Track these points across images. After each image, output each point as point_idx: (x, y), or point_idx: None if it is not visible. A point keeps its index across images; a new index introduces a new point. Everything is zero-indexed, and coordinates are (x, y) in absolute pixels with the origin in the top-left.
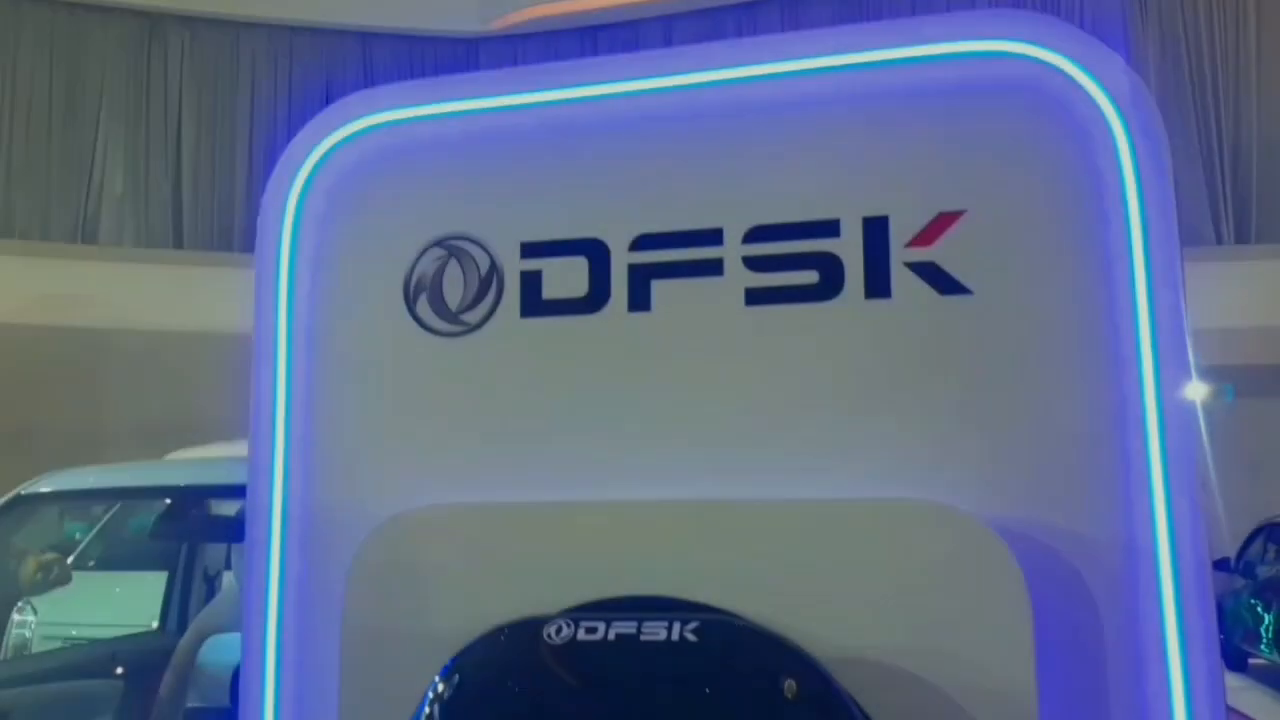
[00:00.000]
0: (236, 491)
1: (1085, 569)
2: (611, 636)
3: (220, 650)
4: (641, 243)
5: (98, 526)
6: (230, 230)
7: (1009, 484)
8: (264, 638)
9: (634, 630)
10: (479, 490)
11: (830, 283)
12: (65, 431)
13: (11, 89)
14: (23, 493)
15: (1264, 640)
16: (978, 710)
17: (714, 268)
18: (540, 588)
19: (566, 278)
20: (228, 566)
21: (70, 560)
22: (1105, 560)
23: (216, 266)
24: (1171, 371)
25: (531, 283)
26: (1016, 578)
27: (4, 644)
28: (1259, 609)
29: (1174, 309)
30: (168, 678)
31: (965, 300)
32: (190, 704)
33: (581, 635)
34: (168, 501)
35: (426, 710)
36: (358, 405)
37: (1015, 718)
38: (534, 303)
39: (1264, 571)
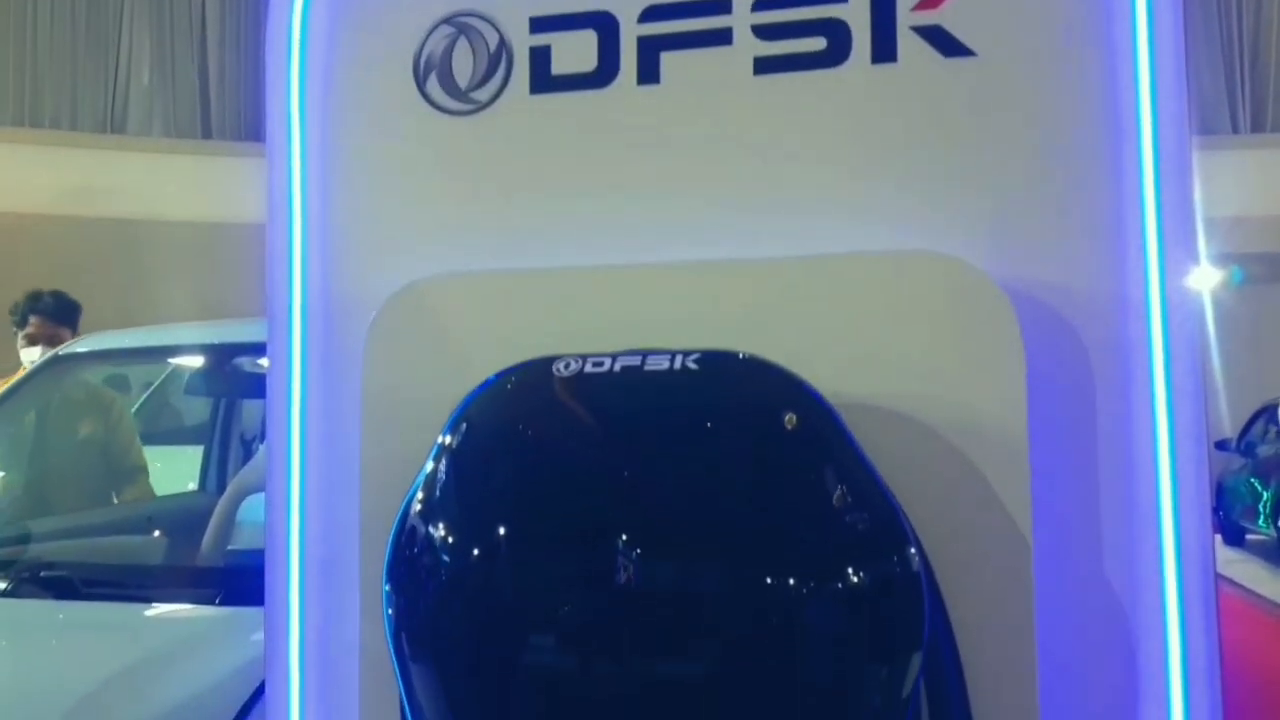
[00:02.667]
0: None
1: (1081, 327)
2: (617, 369)
3: (259, 509)
4: (650, 14)
5: (136, 404)
6: (258, 120)
7: (1010, 242)
8: (288, 409)
9: (639, 363)
10: (494, 261)
11: (837, 49)
12: (94, 322)
13: None
14: (60, 353)
15: (1261, 516)
16: (972, 451)
17: (723, 37)
18: (555, 349)
19: (575, 52)
20: (263, 437)
21: None
22: (1100, 317)
23: (245, 157)
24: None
25: (541, 58)
26: (1012, 324)
27: None
28: (1257, 486)
29: (1177, 67)
30: (208, 534)
31: (970, 62)
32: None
33: (589, 369)
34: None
35: (435, 459)
36: (373, 189)
37: (1007, 457)
38: (543, 79)
39: (1264, 451)
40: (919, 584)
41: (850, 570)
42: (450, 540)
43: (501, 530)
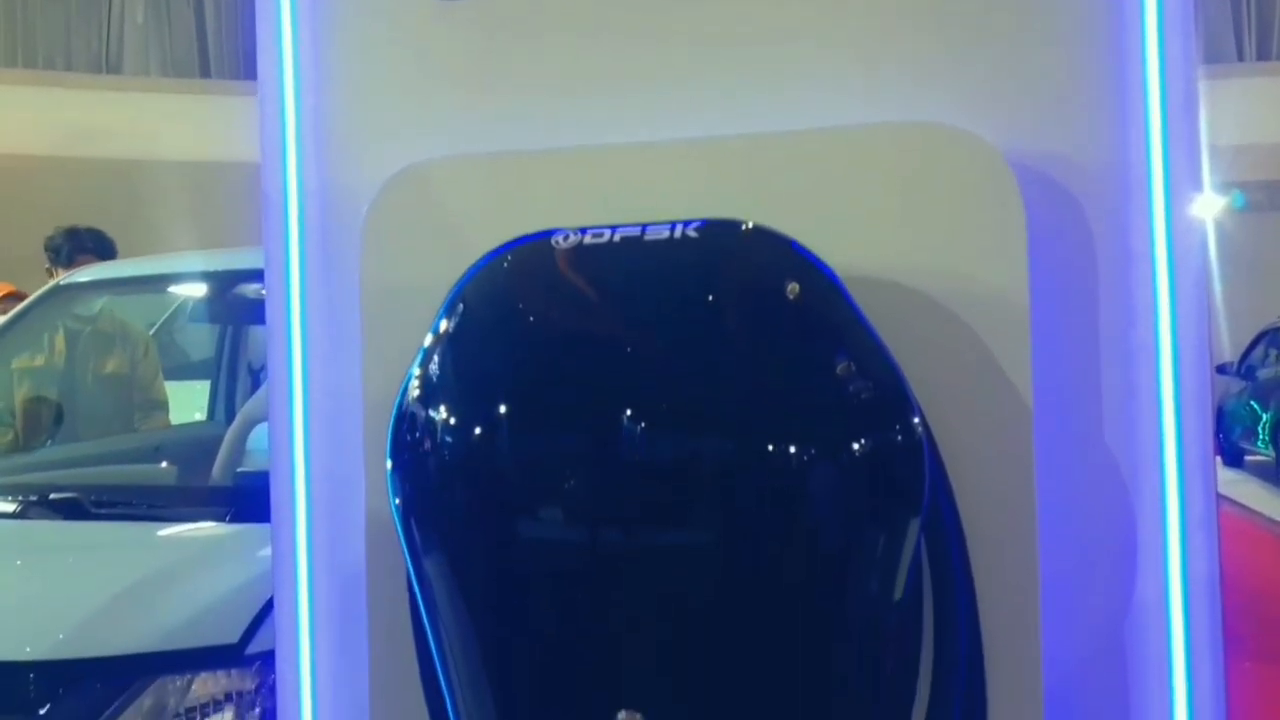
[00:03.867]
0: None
1: (1085, 198)
2: (616, 239)
3: (267, 437)
4: None
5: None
6: (257, 58)
7: (1014, 113)
8: (287, 293)
9: (638, 233)
10: (491, 145)
11: None
12: None
13: None
14: (62, 282)
15: (1260, 438)
16: (974, 321)
17: None
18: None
19: None
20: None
21: None
22: (1103, 188)
23: (244, 96)
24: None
25: None
26: (1015, 195)
27: None
28: (1257, 409)
29: None
30: (219, 458)
31: None
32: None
33: (588, 240)
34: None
35: (432, 340)
36: (366, 75)
37: (1009, 328)
38: None
39: (1264, 374)
40: (922, 452)
41: (854, 438)
42: (452, 420)
43: (503, 407)
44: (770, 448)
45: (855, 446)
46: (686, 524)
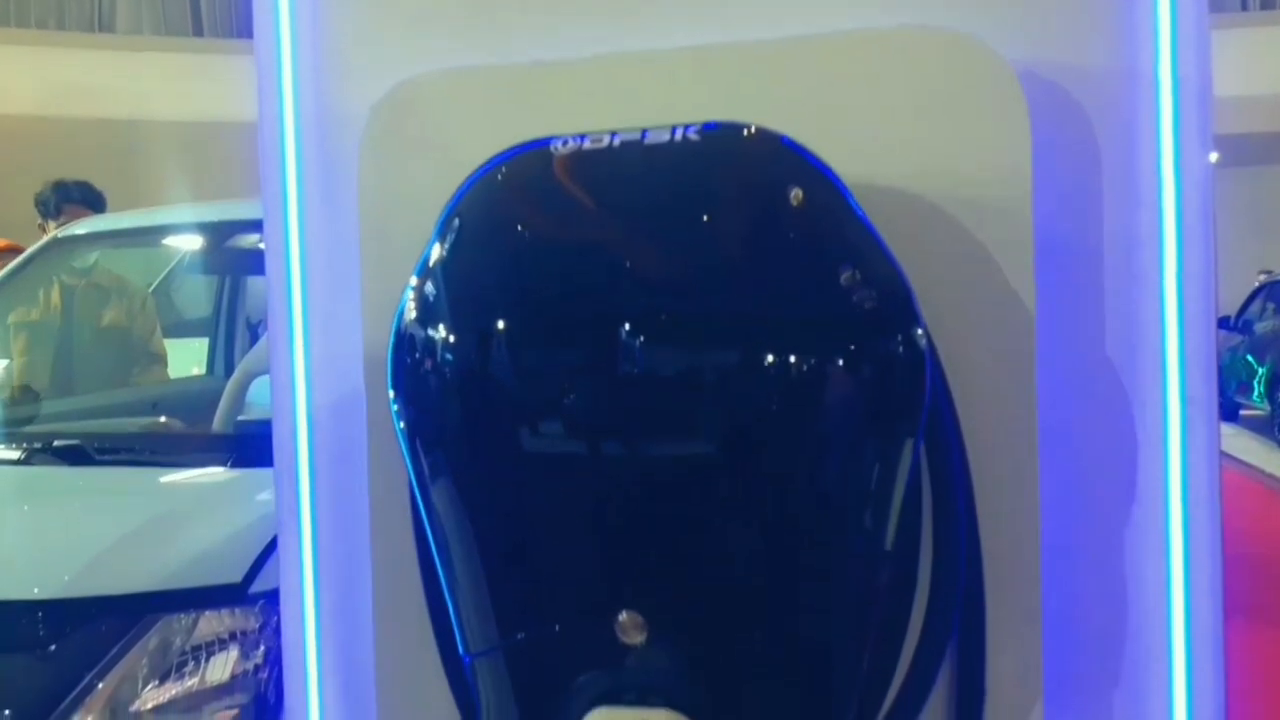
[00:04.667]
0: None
1: (1089, 104)
2: (616, 144)
3: (267, 390)
4: None
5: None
6: (251, 16)
7: (1019, 18)
8: (284, 209)
9: (638, 136)
10: (488, 57)
11: None
12: None
13: None
14: (60, 235)
15: (1256, 392)
16: (976, 228)
17: None
18: None
19: None
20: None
21: None
22: (1108, 94)
23: (238, 55)
24: None
25: None
26: (1019, 100)
27: None
28: (1253, 363)
29: None
30: (220, 409)
31: None
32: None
33: (587, 145)
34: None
35: (428, 257)
36: None
37: (1011, 234)
38: None
39: (1261, 328)
40: (924, 364)
41: (857, 348)
42: (451, 338)
43: (501, 321)
44: (771, 357)
45: (857, 357)
46: (688, 432)
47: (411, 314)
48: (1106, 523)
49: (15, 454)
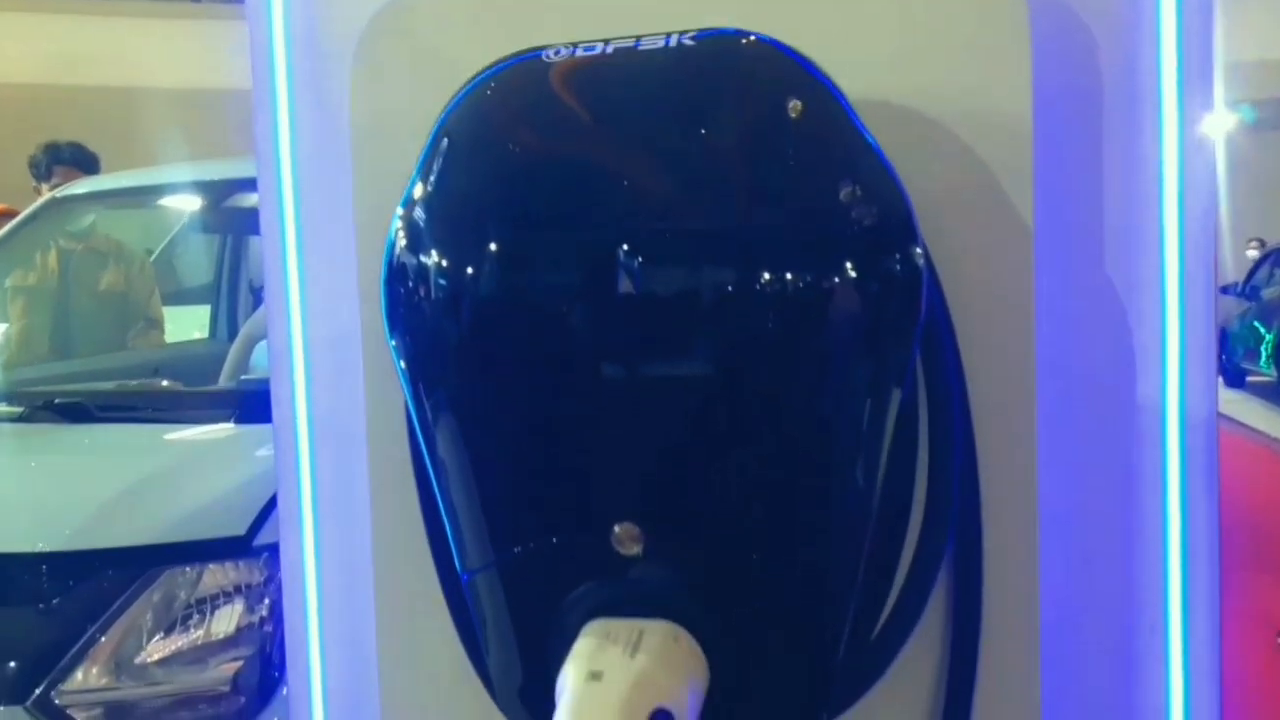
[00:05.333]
0: None
1: (1090, 19)
2: (609, 51)
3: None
4: None
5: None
6: None
7: None
8: (274, 131)
9: (632, 44)
10: None
11: None
12: None
13: None
14: (57, 195)
15: (1263, 358)
16: (976, 144)
17: None
18: None
19: None
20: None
21: None
22: (1109, 8)
23: (235, 20)
24: None
25: None
26: (1020, 10)
27: None
28: (1260, 329)
29: None
30: (224, 370)
31: None
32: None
33: (580, 54)
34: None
35: (416, 180)
36: None
37: (1010, 148)
38: None
39: (1268, 294)
40: (921, 283)
41: (854, 264)
42: (443, 262)
43: (494, 241)
44: (765, 273)
45: (854, 274)
46: (684, 348)
47: (402, 241)
48: (1104, 439)
49: (16, 411)
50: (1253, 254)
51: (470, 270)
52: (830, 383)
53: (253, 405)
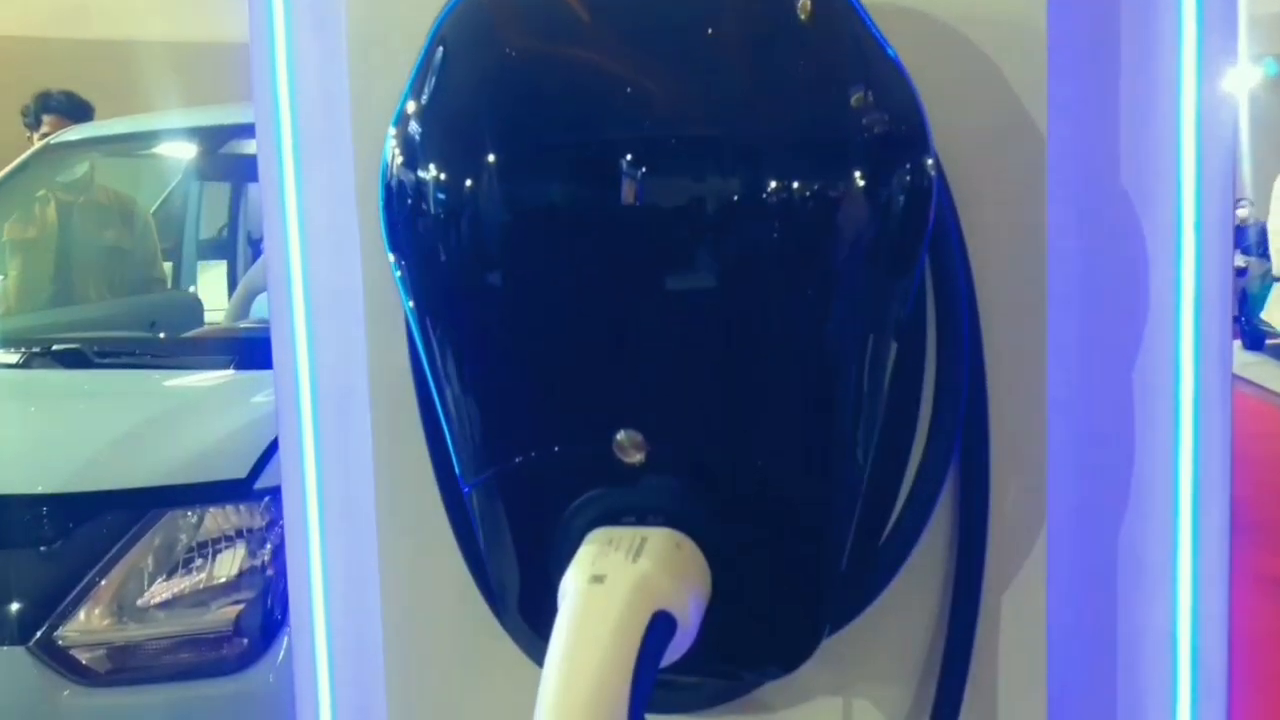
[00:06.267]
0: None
1: None
2: None
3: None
4: None
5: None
6: None
7: None
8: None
9: None
10: None
11: None
12: None
13: None
14: (53, 141)
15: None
16: (985, 42)
17: None
18: None
19: None
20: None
21: None
22: None
23: None
24: None
25: None
26: None
27: None
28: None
29: None
30: (223, 321)
31: None
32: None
33: None
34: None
35: (408, 97)
36: None
37: (1025, 54)
38: None
39: None
40: (931, 194)
41: (863, 174)
42: (441, 176)
43: (491, 154)
44: (773, 181)
45: (863, 183)
46: (690, 258)
47: (398, 159)
48: (1116, 351)
49: (14, 358)
50: (1243, 213)
51: (468, 182)
52: (836, 290)
53: (254, 351)
